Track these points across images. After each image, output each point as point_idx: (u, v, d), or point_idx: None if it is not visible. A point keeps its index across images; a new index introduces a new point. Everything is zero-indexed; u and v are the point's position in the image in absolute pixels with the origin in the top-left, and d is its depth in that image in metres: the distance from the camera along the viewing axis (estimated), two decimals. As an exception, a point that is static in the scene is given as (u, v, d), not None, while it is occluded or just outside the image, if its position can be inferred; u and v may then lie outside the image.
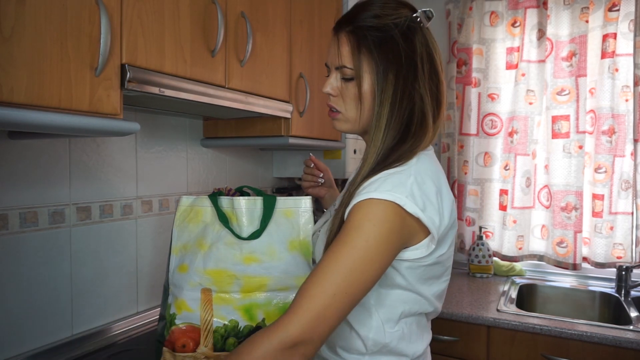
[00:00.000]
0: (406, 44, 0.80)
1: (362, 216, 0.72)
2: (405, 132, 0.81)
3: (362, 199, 0.74)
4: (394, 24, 0.80)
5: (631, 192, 1.89)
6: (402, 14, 0.81)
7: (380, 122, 0.80)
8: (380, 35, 0.80)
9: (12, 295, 1.07)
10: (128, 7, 0.91)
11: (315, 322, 0.68)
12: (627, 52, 1.87)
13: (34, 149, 1.11)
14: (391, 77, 0.80)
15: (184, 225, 1.01)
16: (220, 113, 1.46)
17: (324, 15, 1.70)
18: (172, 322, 0.97)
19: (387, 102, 0.80)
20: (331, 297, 0.68)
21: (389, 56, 0.80)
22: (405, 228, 0.75)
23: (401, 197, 0.73)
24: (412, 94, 0.81)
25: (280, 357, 0.67)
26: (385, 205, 0.72)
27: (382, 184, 0.74)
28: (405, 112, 0.81)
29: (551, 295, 1.99)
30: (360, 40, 0.81)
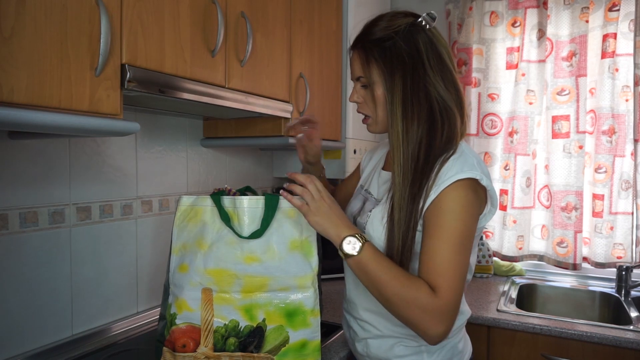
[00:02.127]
0: (408, 46, 0.92)
1: (456, 197, 0.87)
2: (431, 120, 0.92)
3: (450, 183, 0.86)
4: (394, 32, 0.93)
5: (631, 192, 1.89)
6: (402, 22, 0.93)
7: (395, 119, 0.92)
8: (384, 44, 0.93)
9: (12, 295, 1.07)
10: (128, 7, 0.91)
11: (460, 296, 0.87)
12: (627, 52, 1.87)
13: (34, 149, 1.11)
14: (398, 77, 0.92)
15: (184, 224, 1.01)
16: (220, 113, 1.46)
17: (324, 15, 1.70)
18: (173, 322, 0.97)
19: (398, 98, 0.92)
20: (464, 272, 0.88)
21: (393, 60, 0.92)
22: (479, 198, 0.91)
23: (478, 172, 0.88)
24: (426, 86, 0.92)
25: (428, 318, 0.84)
26: (471, 182, 0.88)
27: (462, 166, 0.88)
28: (423, 102, 0.92)
29: (551, 295, 1.99)
30: (367, 52, 0.95)
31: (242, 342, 0.97)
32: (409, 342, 0.98)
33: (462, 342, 1.03)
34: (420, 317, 0.84)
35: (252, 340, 0.97)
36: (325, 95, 1.73)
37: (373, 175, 1.11)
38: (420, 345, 0.98)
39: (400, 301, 0.85)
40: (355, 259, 0.87)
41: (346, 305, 1.11)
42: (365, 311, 1.03)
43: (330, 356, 1.18)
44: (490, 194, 0.92)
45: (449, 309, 0.84)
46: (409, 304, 0.84)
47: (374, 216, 0.99)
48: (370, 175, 1.13)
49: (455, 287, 0.85)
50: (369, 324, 1.02)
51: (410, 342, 0.98)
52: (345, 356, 1.20)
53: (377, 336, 1.01)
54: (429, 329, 0.84)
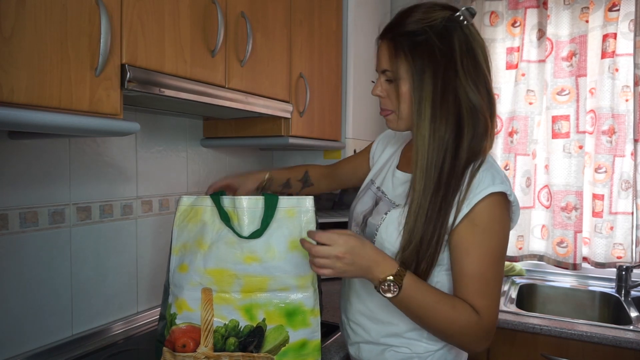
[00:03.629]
0: (442, 43, 0.86)
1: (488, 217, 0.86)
2: (459, 126, 0.87)
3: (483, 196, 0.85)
4: (429, 26, 0.87)
5: (631, 192, 1.89)
6: (438, 16, 0.87)
7: (422, 120, 0.87)
8: (415, 39, 0.87)
9: (12, 295, 1.07)
10: (128, 7, 0.91)
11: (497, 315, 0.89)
12: (627, 52, 1.87)
13: (34, 149, 1.11)
14: (428, 76, 0.86)
15: (184, 224, 1.01)
16: (220, 113, 1.46)
17: (324, 15, 1.70)
18: (173, 322, 0.97)
19: (427, 99, 0.86)
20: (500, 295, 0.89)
21: (424, 57, 0.86)
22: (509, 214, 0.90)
23: (508, 187, 0.88)
24: (455, 88, 0.86)
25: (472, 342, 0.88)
26: (501, 198, 0.87)
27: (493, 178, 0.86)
28: (451, 106, 0.86)
29: (551, 295, 1.99)
30: (397, 45, 0.89)
31: (242, 342, 0.97)
32: (399, 349, 0.96)
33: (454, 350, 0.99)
34: (467, 340, 0.87)
35: (252, 340, 0.97)
36: (325, 95, 1.73)
37: (387, 173, 1.06)
38: (412, 353, 0.96)
39: (447, 329, 0.86)
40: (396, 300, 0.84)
41: (342, 305, 1.10)
42: (359, 314, 1.01)
43: (330, 356, 1.18)
44: (514, 209, 0.91)
45: (492, 328, 0.87)
46: (455, 330, 0.85)
47: (389, 220, 0.94)
48: (383, 171, 1.08)
49: (496, 306, 0.87)
50: (361, 328, 1.01)
51: (401, 349, 0.96)
52: (345, 356, 1.20)
53: (368, 341, 1.00)
54: (475, 348, 0.89)
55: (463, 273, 0.87)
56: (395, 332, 0.96)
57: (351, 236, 0.83)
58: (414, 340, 0.95)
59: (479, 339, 0.87)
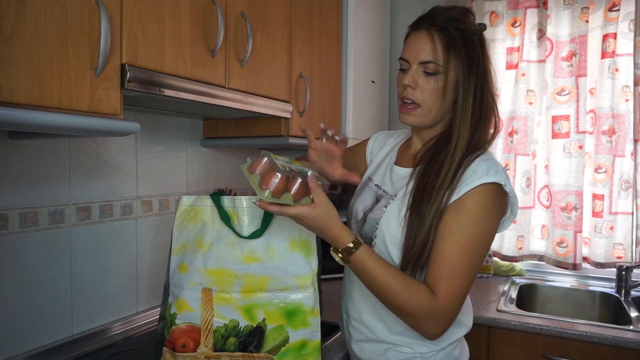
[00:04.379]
0: (482, 49, 0.95)
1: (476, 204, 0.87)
2: (479, 125, 0.94)
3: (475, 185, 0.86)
4: (474, 30, 0.94)
5: (631, 192, 1.89)
6: (475, 24, 0.96)
7: (466, 114, 0.93)
8: (465, 38, 0.93)
9: (12, 295, 1.07)
10: (128, 7, 0.91)
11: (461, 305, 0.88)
12: (627, 52, 1.87)
13: (34, 149, 1.11)
14: (473, 76, 0.93)
15: (184, 224, 1.01)
16: (220, 113, 1.46)
17: (324, 15, 1.70)
18: (173, 322, 0.97)
19: (471, 96, 0.93)
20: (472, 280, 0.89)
21: (472, 57, 0.93)
22: (502, 205, 0.91)
23: (503, 178, 0.88)
24: (484, 92, 0.95)
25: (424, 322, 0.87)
26: (496, 187, 0.88)
27: (488, 169, 0.88)
28: (482, 108, 0.94)
29: (551, 295, 1.99)
30: (450, 38, 0.92)
31: (242, 342, 0.97)
32: (402, 349, 0.97)
33: (457, 349, 1.02)
34: (417, 322, 0.87)
35: (252, 340, 0.97)
36: (325, 95, 1.73)
37: (385, 170, 1.07)
38: (415, 353, 0.97)
39: (397, 306, 0.87)
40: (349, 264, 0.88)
41: (345, 304, 1.10)
42: (364, 312, 1.02)
43: (330, 356, 1.18)
44: (512, 200, 0.92)
45: (447, 313, 0.86)
46: (406, 309, 0.86)
47: (390, 212, 0.96)
48: (381, 168, 1.09)
49: (455, 293, 0.86)
50: (365, 327, 1.02)
51: (404, 348, 0.97)
52: (345, 356, 1.20)
53: (371, 340, 1.01)
54: (425, 330, 0.88)
55: (435, 253, 0.87)
56: (399, 330, 0.97)
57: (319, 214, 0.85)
58: (417, 340, 0.96)
59: (430, 322, 0.86)
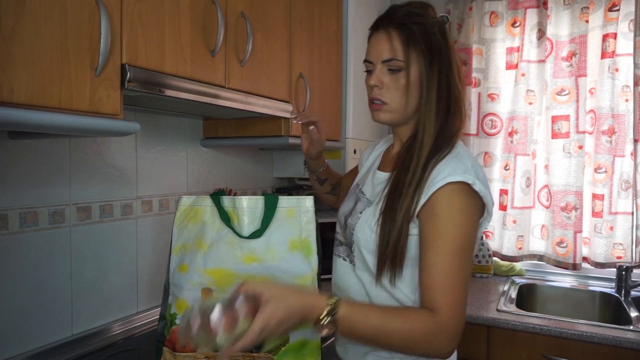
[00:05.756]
0: (443, 40, 0.93)
1: (448, 206, 0.84)
2: (446, 117, 0.92)
3: (441, 185, 0.83)
4: (435, 22, 0.93)
5: (631, 192, 1.89)
6: (435, 15, 0.95)
7: (430, 107, 0.91)
8: (425, 31, 0.91)
9: (12, 295, 1.07)
10: (128, 7, 0.91)
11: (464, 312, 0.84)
12: (627, 52, 1.87)
13: (34, 149, 1.11)
14: (436, 68, 0.91)
15: (184, 224, 1.01)
16: (220, 113, 1.46)
17: (324, 15, 1.70)
18: (173, 322, 0.97)
19: (434, 89, 0.91)
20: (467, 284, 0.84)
21: (433, 49, 0.91)
22: (476, 205, 0.87)
23: (471, 177, 0.84)
24: (450, 83, 0.92)
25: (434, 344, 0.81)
26: (464, 186, 0.84)
27: (454, 168, 0.85)
28: (447, 99, 0.92)
29: (551, 295, 1.99)
30: (408, 34, 0.91)
31: (242, 342, 0.96)
32: (381, 353, 0.94)
33: None
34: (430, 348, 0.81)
35: (252, 340, 0.96)
36: (325, 95, 1.73)
37: (368, 174, 1.06)
38: (393, 357, 0.93)
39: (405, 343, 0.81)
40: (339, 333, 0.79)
41: None
42: None
43: (330, 356, 1.18)
44: (485, 200, 0.87)
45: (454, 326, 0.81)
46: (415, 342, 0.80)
47: (364, 219, 0.94)
48: (366, 174, 1.08)
49: (455, 304, 0.82)
50: None
51: (383, 352, 0.93)
52: (345, 356, 1.20)
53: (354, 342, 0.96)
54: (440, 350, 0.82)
55: (422, 265, 0.84)
56: None
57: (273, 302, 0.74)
58: None
59: (440, 341, 0.81)
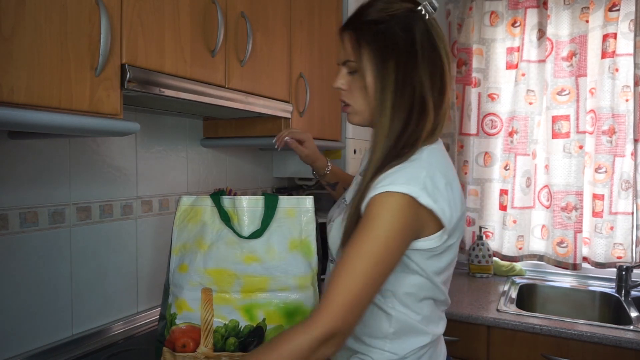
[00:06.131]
0: (405, 33, 0.84)
1: (381, 209, 0.77)
2: (408, 119, 0.84)
3: (379, 192, 0.77)
4: (390, 16, 0.85)
5: (631, 192, 1.89)
6: (399, 7, 0.86)
7: (385, 109, 0.84)
8: (378, 28, 0.85)
9: (12, 295, 1.07)
10: (128, 7, 0.91)
11: (349, 314, 0.73)
12: (627, 52, 1.87)
13: (34, 149, 1.11)
14: (391, 66, 0.84)
15: (184, 224, 1.01)
16: (220, 113, 1.46)
17: (324, 15, 1.70)
18: (173, 322, 0.97)
19: (390, 89, 0.84)
20: (362, 288, 0.74)
21: (388, 46, 0.84)
22: (419, 219, 0.79)
23: (415, 189, 0.77)
24: (413, 81, 0.84)
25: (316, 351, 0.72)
26: (401, 198, 0.76)
27: (398, 177, 0.78)
28: (408, 98, 0.84)
29: (551, 295, 1.99)
30: (360, 34, 0.86)
31: (242, 342, 0.97)
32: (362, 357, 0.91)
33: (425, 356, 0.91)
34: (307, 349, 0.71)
35: (252, 340, 0.97)
36: (325, 95, 1.73)
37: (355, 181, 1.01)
38: None
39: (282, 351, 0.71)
40: None
41: None
42: None
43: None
44: (436, 213, 0.78)
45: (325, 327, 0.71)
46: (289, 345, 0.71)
47: (335, 225, 0.91)
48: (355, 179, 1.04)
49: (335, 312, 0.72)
50: None
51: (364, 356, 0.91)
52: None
53: None
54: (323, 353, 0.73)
55: None
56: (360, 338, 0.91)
57: None
58: (377, 349, 0.90)
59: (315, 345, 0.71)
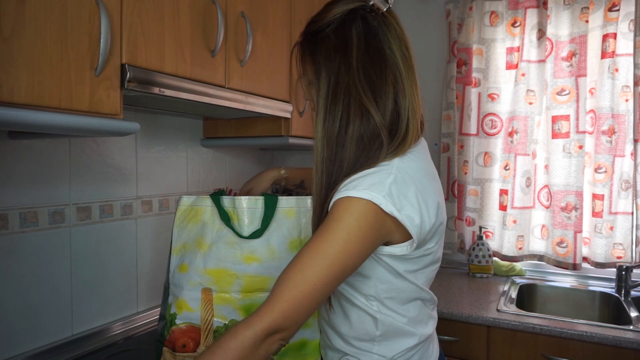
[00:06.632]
0: (337, 38, 0.81)
1: (343, 211, 0.74)
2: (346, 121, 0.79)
3: (342, 196, 0.75)
4: (326, 23, 0.82)
5: (631, 192, 1.89)
6: (338, 11, 0.82)
7: (318, 117, 0.81)
8: (315, 38, 0.83)
9: (12, 295, 1.07)
10: (128, 7, 0.91)
11: (294, 311, 0.72)
12: (627, 52, 1.87)
13: (34, 149, 1.11)
14: (324, 75, 0.81)
15: (184, 224, 1.01)
16: (220, 113, 1.46)
17: (324, 15, 1.70)
18: (173, 322, 0.97)
19: (321, 97, 0.81)
20: (312, 287, 0.72)
21: (321, 56, 0.82)
22: (384, 226, 0.76)
23: (378, 196, 0.73)
24: (348, 84, 0.79)
25: (259, 345, 0.71)
26: (365, 203, 0.73)
27: (361, 183, 0.75)
28: (341, 103, 0.79)
29: (551, 295, 1.99)
30: (303, 48, 0.86)
31: (242, 342, 0.96)
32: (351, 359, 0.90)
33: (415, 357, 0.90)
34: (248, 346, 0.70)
35: (252, 340, 0.96)
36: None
37: None
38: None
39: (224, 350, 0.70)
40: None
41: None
42: (322, 321, 0.96)
43: (330, 356, 1.18)
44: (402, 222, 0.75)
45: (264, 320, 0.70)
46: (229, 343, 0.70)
47: None
48: None
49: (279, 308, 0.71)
50: (324, 333, 0.96)
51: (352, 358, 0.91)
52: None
53: (331, 347, 0.95)
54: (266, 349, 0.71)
55: None
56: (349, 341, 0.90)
57: None
58: (365, 352, 0.89)
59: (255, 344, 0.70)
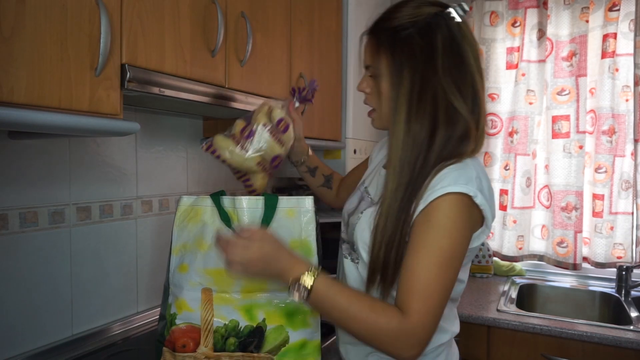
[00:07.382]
0: (423, 40, 0.84)
1: (443, 215, 0.80)
2: (433, 127, 0.84)
3: (440, 194, 0.80)
4: (412, 22, 0.85)
5: (631, 192, 1.89)
6: (423, 12, 0.85)
7: (398, 116, 0.85)
8: (397, 35, 0.85)
9: (12, 295, 1.07)
10: (128, 7, 0.91)
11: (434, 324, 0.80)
12: (627, 52, 1.87)
13: (34, 149, 1.11)
14: (406, 73, 0.84)
15: (184, 225, 1.01)
16: (220, 113, 1.46)
17: (324, 15, 1.70)
18: (173, 322, 0.97)
19: (404, 96, 0.84)
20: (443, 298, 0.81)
21: (404, 53, 0.85)
22: (473, 217, 0.83)
23: (473, 189, 0.80)
24: (434, 87, 0.84)
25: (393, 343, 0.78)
26: (463, 198, 0.80)
27: (457, 178, 0.81)
28: (428, 105, 0.84)
29: (551, 295, 1.99)
30: (379, 40, 0.88)
31: (242, 342, 0.97)
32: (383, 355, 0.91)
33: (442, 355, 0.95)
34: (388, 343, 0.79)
35: (252, 340, 0.97)
36: (325, 95, 1.73)
37: (375, 173, 1.04)
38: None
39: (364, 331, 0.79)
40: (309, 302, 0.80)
41: None
42: None
43: (330, 356, 1.18)
44: (485, 213, 0.83)
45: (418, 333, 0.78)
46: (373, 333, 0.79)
47: (364, 219, 0.93)
48: (373, 172, 1.06)
49: (429, 311, 0.79)
50: None
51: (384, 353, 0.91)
52: (345, 356, 1.20)
53: (354, 343, 0.97)
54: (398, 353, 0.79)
55: (406, 269, 0.81)
56: None
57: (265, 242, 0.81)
58: None
59: (401, 344, 0.78)
